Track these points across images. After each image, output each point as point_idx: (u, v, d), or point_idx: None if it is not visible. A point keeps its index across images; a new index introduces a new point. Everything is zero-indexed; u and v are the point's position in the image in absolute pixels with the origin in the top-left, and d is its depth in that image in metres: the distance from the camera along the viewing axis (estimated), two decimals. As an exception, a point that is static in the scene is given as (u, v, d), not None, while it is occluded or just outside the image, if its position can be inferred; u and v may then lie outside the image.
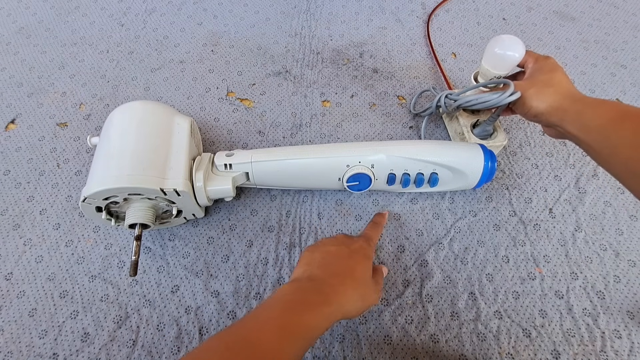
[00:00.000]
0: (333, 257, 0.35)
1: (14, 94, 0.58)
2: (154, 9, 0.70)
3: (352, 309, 0.32)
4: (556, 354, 0.40)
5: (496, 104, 0.41)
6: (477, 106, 0.44)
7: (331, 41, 0.66)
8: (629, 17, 0.70)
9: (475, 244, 0.46)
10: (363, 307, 0.34)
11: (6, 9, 0.69)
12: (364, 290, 0.34)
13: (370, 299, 0.34)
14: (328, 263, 0.34)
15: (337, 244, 0.37)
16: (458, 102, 0.46)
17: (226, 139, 0.55)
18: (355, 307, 0.33)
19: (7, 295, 0.42)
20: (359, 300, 0.33)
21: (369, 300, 0.34)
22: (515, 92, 0.39)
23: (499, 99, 0.40)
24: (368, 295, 0.34)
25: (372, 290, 0.35)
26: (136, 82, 0.60)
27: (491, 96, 0.41)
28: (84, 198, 0.37)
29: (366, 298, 0.34)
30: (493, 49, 0.43)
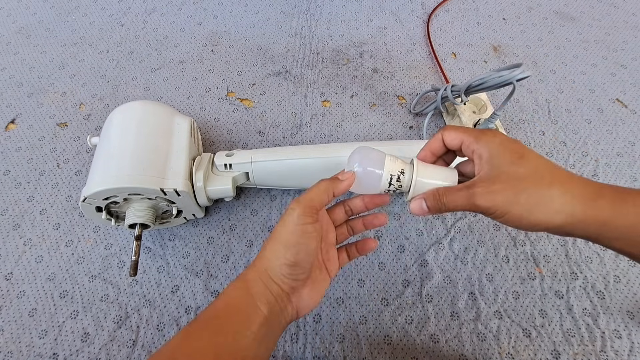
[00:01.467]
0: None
1: (14, 94, 0.58)
2: (154, 9, 0.70)
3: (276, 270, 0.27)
4: (556, 354, 0.40)
5: (507, 80, 0.41)
6: (487, 84, 0.44)
7: (331, 41, 0.66)
8: (629, 17, 0.70)
9: (475, 244, 0.46)
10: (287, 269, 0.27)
11: (6, 9, 0.69)
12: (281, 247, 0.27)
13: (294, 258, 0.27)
14: None
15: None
16: (468, 82, 0.46)
17: (226, 139, 0.55)
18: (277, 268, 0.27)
19: (7, 295, 0.42)
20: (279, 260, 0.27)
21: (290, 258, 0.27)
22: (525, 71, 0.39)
23: (510, 75, 0.41)
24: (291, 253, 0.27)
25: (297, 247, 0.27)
26: (136, 82, 0.60)
27: (502, 72, 0.41)
28: (84, 198, 0.37)
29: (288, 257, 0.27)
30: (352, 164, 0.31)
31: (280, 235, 0.28)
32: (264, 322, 0.27)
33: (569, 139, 0.55)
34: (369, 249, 0.35)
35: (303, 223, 0.27)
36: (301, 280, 0.29)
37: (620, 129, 0.55)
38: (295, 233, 0.27)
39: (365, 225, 0.35)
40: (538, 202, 0.24)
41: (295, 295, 0.29)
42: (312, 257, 0.28)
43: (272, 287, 0.28)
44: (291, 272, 0.28)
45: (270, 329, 0.27)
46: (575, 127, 0.56)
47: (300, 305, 0.29)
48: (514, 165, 0.25)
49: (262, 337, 0.26)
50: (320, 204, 0.28)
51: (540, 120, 0.56)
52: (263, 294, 0.27)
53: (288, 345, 0.40)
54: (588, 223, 0.24)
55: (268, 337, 0.27)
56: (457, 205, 0.26)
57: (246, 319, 0.26)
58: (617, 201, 0.24)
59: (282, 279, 0.28)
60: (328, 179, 0.30)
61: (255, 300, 0.27)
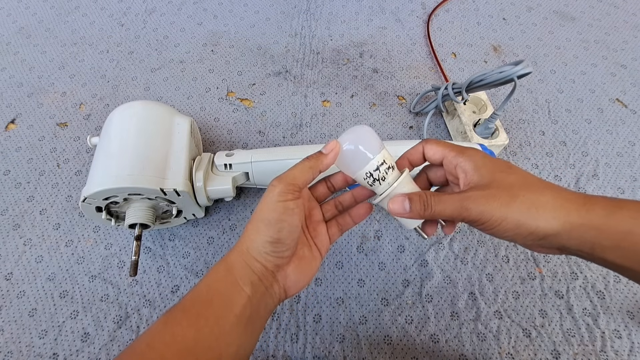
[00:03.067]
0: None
1: (14, 94, 0.58)
2: (154, 9, 0.70)
3: (259, 248, 0.27)
4: (556, 354, 0.40)
5: (508, 76, 0.41)
6: (488, 80, 0.44)
7: (331, 41, 0.66)
8: (629, 17, 0.70)
9: (475, 243, 0.46)
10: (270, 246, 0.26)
11: (6, 9, 0.69)
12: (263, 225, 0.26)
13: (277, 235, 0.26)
14: None
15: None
16: (469, 79, 0.46)
17: (226, 139, 0.55)
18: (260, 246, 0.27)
19: (7, 295, 0.42)
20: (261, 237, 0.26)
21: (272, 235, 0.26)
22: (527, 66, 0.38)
23: (511, 71, 0.41)
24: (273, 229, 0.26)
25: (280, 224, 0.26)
26: (136, 82, 0.60)
27: (503, 68, 0.41)
28: (84, 198, 0.37)
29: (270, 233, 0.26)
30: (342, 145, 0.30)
31: (262, 214, 0.27)
32: (247, 304, 0.26)
33: (569, 139, 0.55)
34: (364, 214, 0.32)
35: (284, 200, 0.26)
36: (285, 258, 0.28)
37: (620, 129, 0.55)
38: (277, 210, 0.26)
39: (355, 198, 0.32)
40: (535, 206, 0.23)
41: (280, 274, 0.28)
42: (295, 234, 0.27)
43: (255, 266, 0.27)
44: (274, 250, 0.27)
45: (255, 311, 0.26)
46: (575, 127, 0.56)
47: (288, 284, 0.29)
48: (504, 173, 0.25)
49: (246, 319, 0.26)
50: (303, 182, 0.28)
51: (540, 120, 0.56)
52: (245, 274, 0.27)
53: (288, 345, 0.40)
54: (583, 229, 0.23)
55: (253, 319, 0.26)
56: (444, 209, 0.25)
57: (228, 302, 0.26)
58: (610, 207, 0.23)
59: (266, 257, 0.27)
60: (311, 155, 0.29)
61: (238, 281, 0.26)
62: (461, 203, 0.24)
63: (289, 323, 0.41)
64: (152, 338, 0.25)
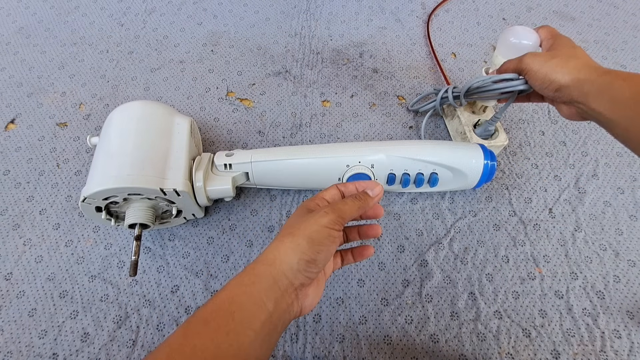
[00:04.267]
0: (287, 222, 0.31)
1: (14, 94, 0.58)
2: (153, 9, 0.70)
3: (292, 264, 0.27)
4: (556, 353, 0.40)
5: (507, 88, 0.40)
6: (488, 89, 0.42)
7: (331, 41, 0.66)
8: (629, 17, 0.70)
9: (475, 244, 0.46)
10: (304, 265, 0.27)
11: (6, 9, 0.69)
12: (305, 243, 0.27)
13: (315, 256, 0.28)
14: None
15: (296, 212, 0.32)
16: (468, 86, 0.44)
17: (226, 139, 0.55)
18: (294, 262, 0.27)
19: (7, 295, 0.42)
20: (298, 255, 0.27)
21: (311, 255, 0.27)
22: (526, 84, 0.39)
23: (511, 83, 0.39)
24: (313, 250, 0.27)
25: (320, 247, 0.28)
26: (136, 82, 0.60)
27: (504, 81, 0.40)
28: (83, 198, 0.37)
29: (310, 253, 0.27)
30: (508, 39, 0.42)
31: (305, 232, 0.28)
32: (267, 320, 0.26)
33: (569, 139, 0.55)
34: (366, 255, 0.35)
35: (331, 228, 0.28)
36: (311, 279, 0.29)
37: (620, 129, 0.55)
38: (322, 233, 0.28)
39: (360, 235, 0.35)
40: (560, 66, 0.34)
41: (302, 292, 0.29)
42: (329, 260, 0.29)
43: (282, 281, 0.27)
44: (307, 269, 0.28)
45: (273, 327, 0.27)
46: (575, 127, 0.56)
47: (305, 303, 0.30)
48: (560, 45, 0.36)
49: (264, 336, 0.26)
50: (350, 218, 0.30)
51: (540, 120, 0.56)
52: (271, 289, 0.27)
53: (288, 345, 0.40)
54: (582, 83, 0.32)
55: (270, 335, 0.27)
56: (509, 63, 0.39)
57: (250, 317, 0.26)
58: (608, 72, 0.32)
59: (296, 275, 0.27)
60: (360, 195, 0.31)
61: (262, 295, 0.26)
62: (519, 59, 0.37)
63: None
64: (172, 350, 0.25)
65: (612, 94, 0.30)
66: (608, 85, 0.31)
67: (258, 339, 0.25)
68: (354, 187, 0.33)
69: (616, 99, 0.30)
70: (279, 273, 0.27)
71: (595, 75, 0.32)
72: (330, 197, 0.32)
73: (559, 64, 0.34)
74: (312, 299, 0.30)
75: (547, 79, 0.34)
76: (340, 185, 0.33)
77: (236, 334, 0.25)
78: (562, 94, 0.34)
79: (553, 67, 0.34)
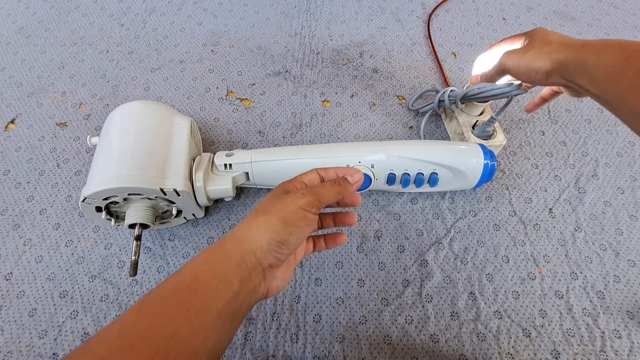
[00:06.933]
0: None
1: (14, 93, 0.58)
2: (153, 9, 0.70)
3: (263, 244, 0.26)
4: (556, 353, 0.40)
5: (504, 93, 0.42)
6: (484, 95, 0.44)
7: (331, 41, 0.66)
8: (629, 17, 0.70)
9: (475, 244, 0.46)
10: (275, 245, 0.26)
11: (6, 9, 0.69)
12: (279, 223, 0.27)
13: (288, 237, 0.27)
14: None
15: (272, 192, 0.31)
16: (465, 91, 0.47)
17: (226, 139, 0.55)
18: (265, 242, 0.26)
19: (7, 295, 0.42)
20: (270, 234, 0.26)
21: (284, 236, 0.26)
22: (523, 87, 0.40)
23: (507, 88, 0.42)
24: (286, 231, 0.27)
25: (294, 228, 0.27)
26: (136, 82, 0.60)
27: (500, 85, 0.42)
28: (83, 198, 0.37)
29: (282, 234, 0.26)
30: (483, 63, 0.44)
31: (280, 212, 0.27)
32: (232, 299, 0.25)
33: (568, 139, 0.55)
34: (339, 243, 0.34)
35: (307, 210, 0.27)
36: (282, 261, 0.28)
37: (620, 129, 0.55)
38: (297, 214, 0.27)
39: (335, 222, 0.34)
40: (538, 53, 0.34)
41: (270, 274, 0.28)
42: (301, 243, 0.28)
43: (250, 260, 0.26)
44: (277, 249, 0.27)
45: (238, 308, 0.26)
46: (575, 127, 0.56)
47: (272, 285, 0.29)
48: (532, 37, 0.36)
49: (228, 315, 0.25)
50: (327, 203, 0.29)
51: (540, 120, 0.56)
52: (238, 267, 0.26)
53: (288, 345, 0.40)
54: (566, 63, 0.32)
55: (234, 316, 0.25)
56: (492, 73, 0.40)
57: (213, 295, 0.24)
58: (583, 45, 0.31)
59: (266, 254, 0.26)
60: (340, 181, 0.31)
61: (229, 273, 0.25)
62: (499, 62, 0.38)
63: (289, 323, 0.41)
64: (125, 327, 0.23)
65: (589, 72, 0.30)
66: (583, 63, 0.30)
67: (221, 319, 0.24)
68: (334, 172, 0.32)
69: (593, 77, 0.30)
70: (248, 251, 0.26)
71: (573, 52, 0.31)
72: (309, 181, 0.31)
73: (536, 53, 0.34)
74: (279, 282, 0.29)
75: (531, 69, 0.34)
76: (320, 170, 0.32)
77: (197, 313, 0.23)
78: (555, 78, 0.33)
79: (531, 57, 0.34)
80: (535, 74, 0.34)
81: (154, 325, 0.23)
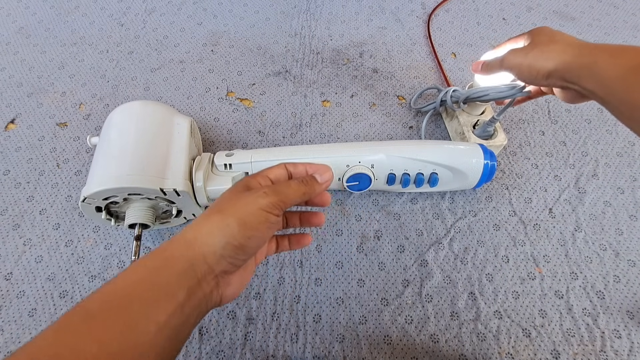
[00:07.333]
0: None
1: (14, 93, 0.58)
2: (153, 8, 0.70)
3: (216, 248, 0.24)
4: (556, 353, 0.40)
5: (507, 95, 0.42)
6: (488, 97, 0.44)
7: (331, 41, 0.66)
8: (629, 17, 0.70)
9: (475, 244, 0.46)
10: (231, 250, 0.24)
11: (6, 9, 0.69)
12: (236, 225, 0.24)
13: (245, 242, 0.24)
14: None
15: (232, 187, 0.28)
16: (468, 93, 0.47)
17: (226, 139, 0.55)
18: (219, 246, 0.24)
19: (7, 295, 0.42)
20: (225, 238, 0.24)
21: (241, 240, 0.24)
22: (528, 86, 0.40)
23: (510, 91, 0.42)
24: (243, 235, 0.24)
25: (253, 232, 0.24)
26: (136, 82, 0.60)
27: (506, 88, 0.42)
28: (83, 198, 0.37)
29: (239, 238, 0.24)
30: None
31: (238, 212, 0.24)
32: (176, 312, 0.22)
33: (568, 139, 0.55)
34: (304, 244, 0.32)
35: (269, 212, 0.25)
36: (237, 266, 0.25)
37: (620, 129, 0.55)
38: (257, 216, 0.24)
39: (301, 222, 0.32)
40: (542, 52, 0.33)
41: (224, 280, 0.25)
42: (260, 247, 0.26)
43: (200, 267, 0.23)
44: (233, 255, 0.24)
45: (184, 320, 0.22)
46: (575, 127, 0.56)
47: (227, 292, 0.26)
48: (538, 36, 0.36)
49: (171, 330, 0.21)
50: (292, 204, 0.27)
51: (540, 120, 0.56)
52: (184, 275, 0.22)
53: (288, 345, 0.40)
54: (571, 65, 0.31)
55: (179, 329, 0.22)
56: (493, 64, 0.40)
57: (152, 308, 0.21)
58: (590, 48, 0.31)
59: (219, 260, 0.23)
60: (308, 180, 0.28)
61: (172, 282, 0.22)
62: (502, 59, 0.38)
63: (289, 323, 0.41)
64: (39, 351, 0.19)
65: (599, 73, 0.29)
66: (594, 64, 0.29)
67: (162, 334, 0.21)
68: (304, 169, 0.30)
69: (603, 78, 0.29)
70: (198, 256, 0.23)
71: (581, 53, 0.31)
72: (275, 177, 0.29)
73: (540, 52, 0.33)
74: (235, 288, 0.26)
75: (533, 69, 0.34)
76: (289, 165, 0.30)
77: (131, 328, 0.20)
78: (554, 79, 0.33)
79: (535, 56, 0.34)
80: (536, 73, 0.34)
81: (75, 349, 0.19)
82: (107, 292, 0.22)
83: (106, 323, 0.20)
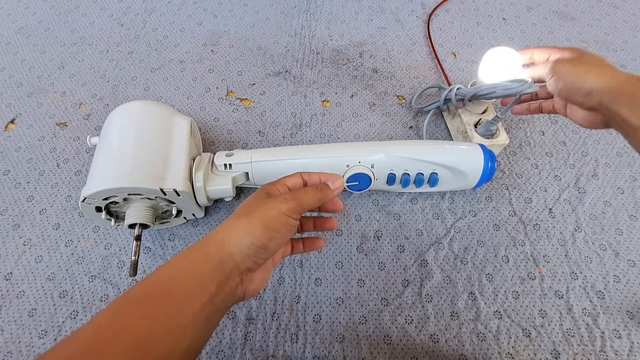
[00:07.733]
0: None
1: (14, 93, 0.58)
2: (153, 8, 0.70)
3: (243, 248, 0.26)
4: (556, 353, 0.40)
5: (519, 92, 0.42)
6: (495, 94, 0.44)
7: (331, 41, 0.66)
8: (629, 17, 0.70)
9: (475, 244, 0.46)
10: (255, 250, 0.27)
11: (6, 9, 0.69)
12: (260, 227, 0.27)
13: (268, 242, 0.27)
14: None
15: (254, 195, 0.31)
16: (474, 90, 0.46)
17: (226, 139, 0.55)
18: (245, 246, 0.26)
19: (7, 295, 0.42)
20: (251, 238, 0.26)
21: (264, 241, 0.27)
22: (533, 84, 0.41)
23: (521, 87, 0.41)
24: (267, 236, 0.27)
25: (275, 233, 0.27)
26: (136, 82, 0.60)
27: (513, 84, 0.42)
28: (83, 198, 0.37)
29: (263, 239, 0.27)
30: (492, 59, 0.45)
31: (262, 216, 0.27)
32: (208, 303, 0.25)
33: (568, 139, 0.55)
34: (317, 247, 0.35)
35: (289, 216, 0.28)
36: (259, 265, 0.28)
37: (620, 129, 0.55)
38: (279, 220, 0.28)
39: (315, 226, 0.35)
40: (588, 72, 0.34)
41: (247, 277, 0.28)
42: (281, 247, 0.29)
43: (228, 264, 0.26)
44: (257, 254, 0.27)
45: (214, 310, 0.26)
46: (575, 127, 0.56)
47: (250, 288, 0.29)
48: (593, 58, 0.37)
49: (203, 318, 0.25)
50: (308, 208, 0.29)
51: (540, 120, 0.56)
52: (216, 271, 0.26)
53: (288, 345, 0.40)
54: (611, 89, 0.32)
55: (210, 319, 0.26)
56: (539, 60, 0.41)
57: (190, 297, 0.24)
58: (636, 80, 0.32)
59: (244, 259, 0.27)
60: (322, 187, 0.31)
61: (207, 276, 0.26)
62: (553, 61, 0.38)
63: (289, 323, 0.41)
64: (99, 327, 0.23)
65: (637, 103, 0.30)
66: (635, 94, 0.31)
67: (197, 322, 0.24)
68: (317, 177, 0.33)
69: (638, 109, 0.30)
70: (226, 255, 0.26)
71: (628, 82, 0.32)
72: (292, 184, 0.32)
73: (590, 69, 0.34)
74: (257, 284, 0.30)
75: (577, 81, 0.34)
76: (304, 174, 0.33)
77: (173, 313, 0.24)
78: (591, 98, 0.34)
79: (583, 71, 0.34)
80: (579, 86, 0.34)
81: (129, 325, 0.23)
82: (154, 281, 0.25)
83: (154, 306, 0.24)
